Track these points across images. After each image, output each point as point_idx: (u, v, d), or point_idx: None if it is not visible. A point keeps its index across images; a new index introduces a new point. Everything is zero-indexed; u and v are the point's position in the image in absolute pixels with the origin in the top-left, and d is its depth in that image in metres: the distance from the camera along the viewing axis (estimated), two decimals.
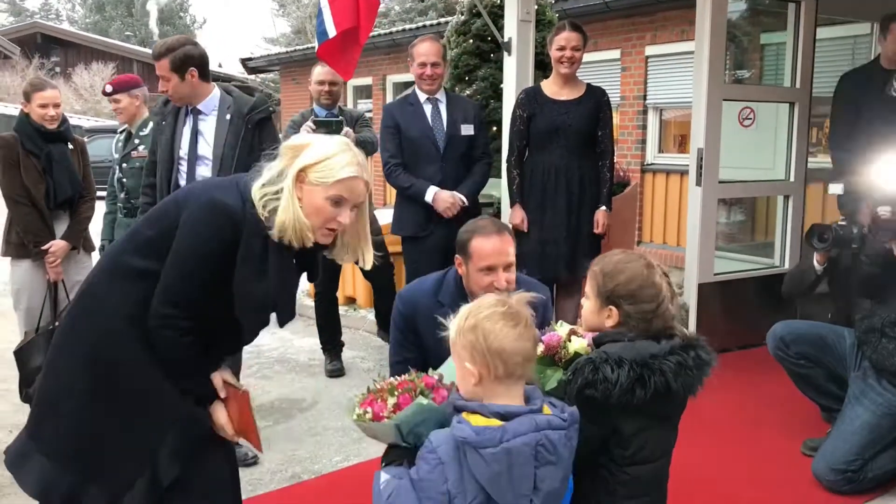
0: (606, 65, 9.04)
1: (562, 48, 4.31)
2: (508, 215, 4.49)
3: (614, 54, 9.03)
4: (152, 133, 3.81)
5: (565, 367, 2.23)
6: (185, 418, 2.12)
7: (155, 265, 2.05)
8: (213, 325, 2.11)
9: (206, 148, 3.58)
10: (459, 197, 4.26)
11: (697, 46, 4.77)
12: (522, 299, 1.97)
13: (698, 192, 4.83)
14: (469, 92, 6.20)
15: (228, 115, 3.59)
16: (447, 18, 9.79)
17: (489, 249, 2.64)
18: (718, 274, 5.03)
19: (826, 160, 5.50)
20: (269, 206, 2.05)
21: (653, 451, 2.18)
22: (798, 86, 5.21)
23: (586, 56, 4.51)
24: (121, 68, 28.26)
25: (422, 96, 4.43)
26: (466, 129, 4.41)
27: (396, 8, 23.48)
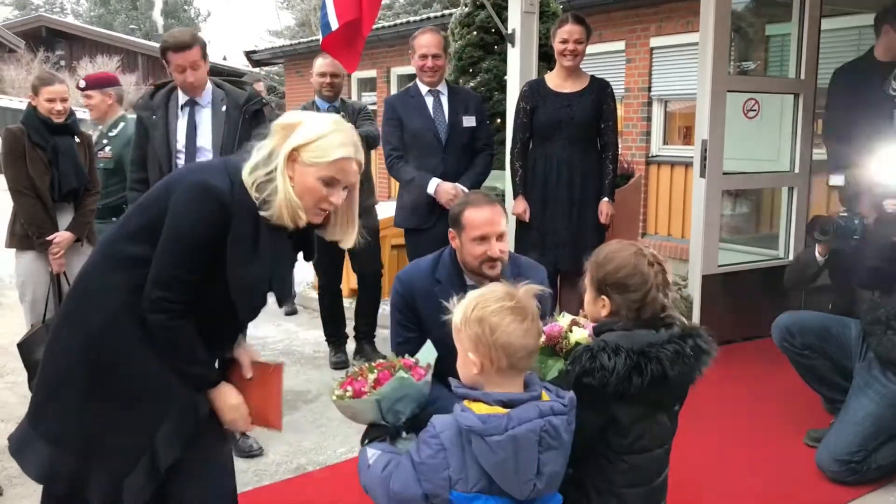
0: (611, 56, 9.02)
1: (564, 41, 4.31)
2: (511, 207, 4.50)
3: (619, 46, 9.01)
4: (137, 128, 3.77)
5: (566, 358, 2.25)
6: (184, 402, 2.12)
7: (148, 251, 2.03)
8: (210, 309, 2.09)
9: (205, 139, 3.62)
10: (461, 188, 4.26)
11: (702, 37, 4.76)
12: (530, 292, 1.98)
13: (702, 183, 4.82)
14: (473, 84, 6.19)
15: (224, 106, 3.63)
16: (451, 10, 9.76)
17: (481, 219, 2.69)
18: (723, 266, 5.03)
19: None
20: (261, 187, 2.03)
21: (651, 441, 2.19)
22: (803, 77, 5.19)
23: (591, 48, 4.51)
24: (126, 61, 28.31)
25: (423, 88, 4.43)
26: (468, 121, 4.42)
27: (401, 0, 23.45)
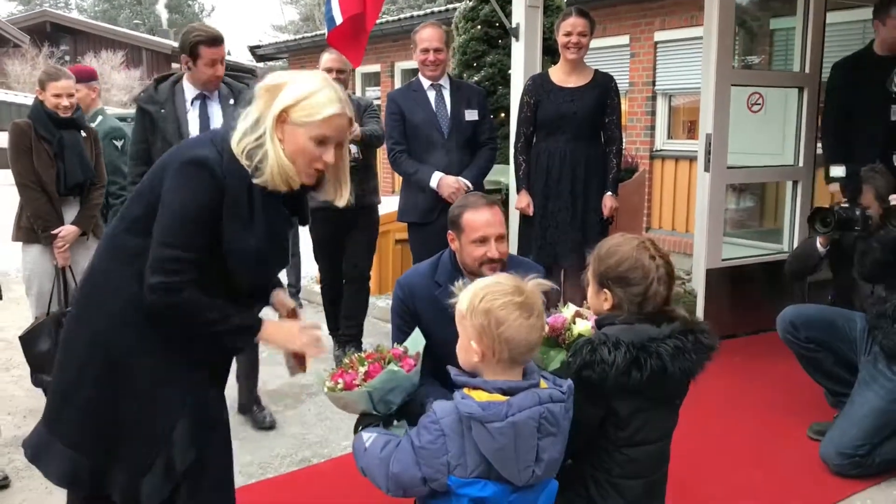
0: (615, 51, 9.01)
1: (568, 34, 4.31)
2: (514, 201, 4.51)
3: (623, 40, 8.99)
4: (139, 122, 3.74)
5: (569, 349, 2.25)
6: (197, 400, 2.10)
7: (147, 240, 1.99)
8: (220, 289, 2.04)
9: None
10: (464, 182, 4.26)
11: (706, 32, 4.76)
12: (539, 287, 1.98)
13: (707, 177, 4.83)
14: (477, 78, 6.21)
15: (231, 99, 3.68)
16: (455, 4, 9.76)
17: (481, 221, 2.69)
18: (727, 259, 5.04)
19: None
20: (251, 154, 1.98)
21: (651, 434, 2.20)
22: (807, 70, 5.19)
23: (595, 42, 4.51)
24: (130, 56, 28.31)
25: (425, 83, 4.43)
26: (470, 115, 4.41)
27: None
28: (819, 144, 5.31)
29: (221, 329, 2.05)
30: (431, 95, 4.40)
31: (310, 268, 5.74)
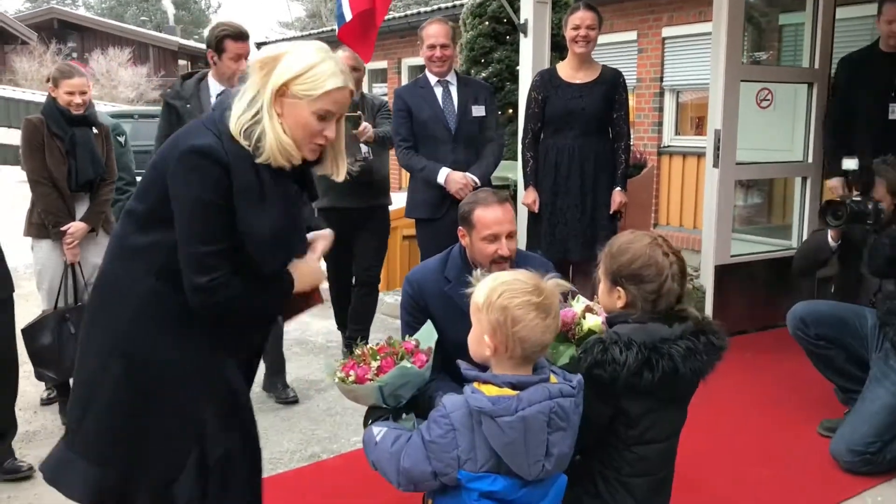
0: (623, 46, 8.99)
1: (576, 27, 4.31)
2: (522, 197, 4.50)
3: (630, 36, 8.97)
4: (165, 117, 3.84)
5: (578, 344, 2.25)
6: (225, 388, 2.04)
7: (157, 236, 1.94)
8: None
9: None
10: (471, 178, 4.25)
11: (715, 27, 4.74)
12: (557, 288, 1.98)
13: (715, 173, 4.81)
14: (485, 74, 6.20)
15: None
16: (462, 0, 9.75)
17: (492, 218, 2.69)
18: (735, 256, 5.02)
19: None
20: (249, 133, 1.89)
21: (660, 433, 2.20)
22: (817, 66, 5.16)
23: (602, 38, 4.50)
24: (137, 53, 28.38)
25: (432, 79, 4.42)
26: (477, 111, 4.40)
27: None
28: None
29: (267, 305, 2.05)
30: (438, 92, 4.39)
31: None
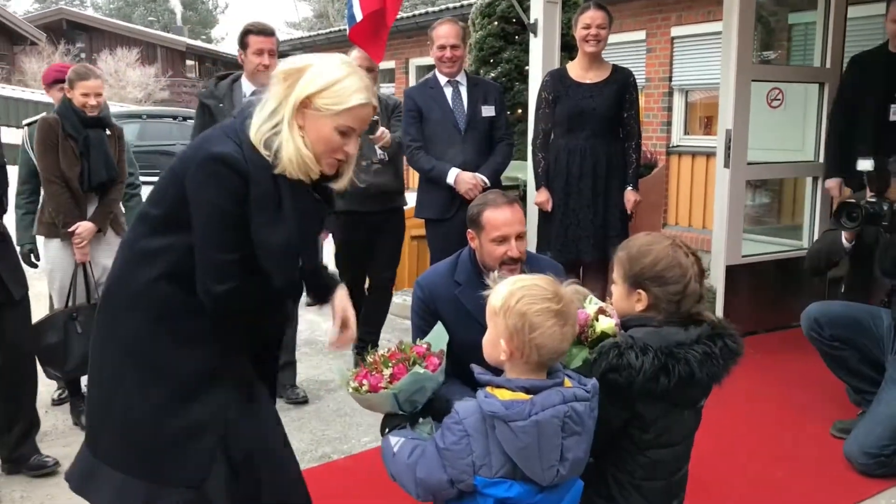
0: (631, 46, 8.97)
1: (587, 26, 4.30)
2: (534, 197, 4.49)
3: (639, 35, 8.95)
4: (200, 115, 3.93)
5: (591, 347, 2.23)
6: (240, 391, 2.03)
7: (172, 239, 1.93)
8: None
9: None
10: (481, 178, 4.25)
11: (725, 27, 4.72)
12: (576, 294, 1.96)
13: (726, 173, 4.79)
14: (494, 74, 6.20)
15: None
16: (471, 0, 9.74)
17: (501, 220, 2.67)
18: (746, 256, 5.00)
19: None
20: (269, 142, 1.89)
21: (674, 436, 2.18)
22: (828, 66, 5.14)
23: (611, 37, 4.49)
24: (145, 53, 28.43)
25: (442, 79, 4.42)
26: (487, 111, 4.40)
27: None
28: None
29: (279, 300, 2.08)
30: (448, 92, 4.39)
31: (326, 263, 5.73)
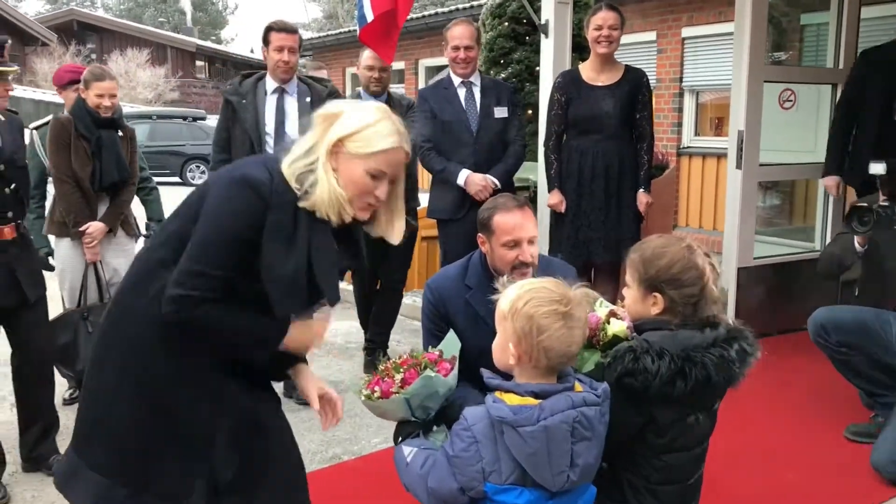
0: (642, 46, 8.96)
1: (599, 28, 4.28)
2: (546, 199, 4.48)
3: (650, 36, 8.94)
4: (224, 111, 4.01)
5: (603, 350, 2.21)
6: (232, 413, 2.01)
7: (178, 259, 1.91)
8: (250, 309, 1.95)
9: (292, 127, 3.86)
10: (491, 180, 4.24)
11: (738, 27, 4.70)
12: (584, 297, 1.95)
13: (738, 175, 4.76)
14: (504, 75, 6.17)
15: (308, 98, 3.91)
16: (481, 1, 9.73)
17: (512, 224, 2.62)
18: (758, 258, 4.98)
19: None
20: (302, 180, 1.91)
21: (689, 440, 2.17)
22: (841, 67, 5.11)
23: (621, 38, 4.47)
24: (155, 54, 28.56)
25: (456, 80, 4.42)
26: (500, 112, 4.39)
27: None
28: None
29: (241, 342, 1.98)
30: (462, 93, 4.38)
31: None
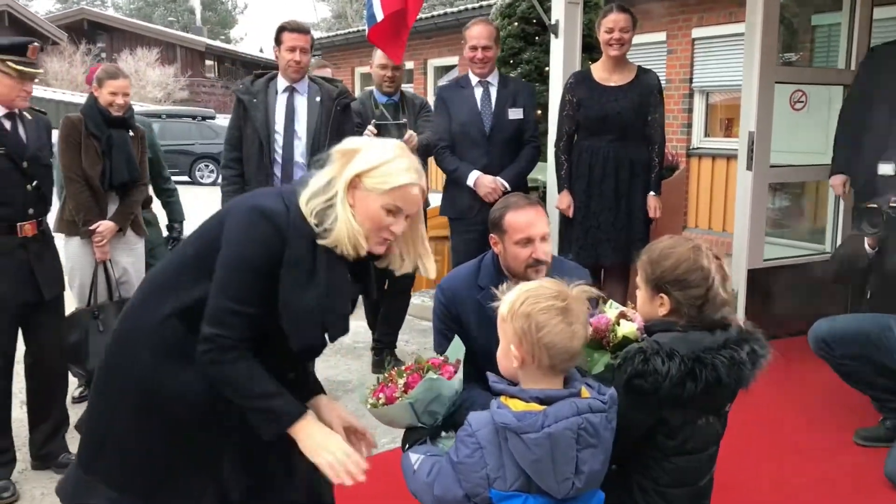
0: (652, 47, 8.94)
1: (610, 30, 4.25)
2: (556, 200, 4.46)
3: (660, 37, 8.92)
4: (235, 110, 4.04)
5: (613, 352, 2.20)
6: (239, 432, 2.02)
7: (193, 281, 1.96)
8: (266, 345, 1.98)
9: (301, 125, 3.91)
10: (501, 182, 4.22)
11: (749, 28, 4.67)
12: (582, 294, 1.93)
13: (748, 176, 4.73)
14: (513, 75, 6.16)
15: (318, 97, 3.93)
16: (490, 1, 9.72)
17: (524, 222, 2.62)
18: (768, 260, 4.95)
19: None
20: (321, 215, 1.94)
21: (700, 443, 2.15)
22: (853, 68, 5.07)
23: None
24: (164, 53, 28.64)
25: (473, 79, 4.42)
26: (515, 113, 4.38)
27: None
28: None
29: (255, 406, 1.95)
30: (478, 92, 4.38)
31: None
